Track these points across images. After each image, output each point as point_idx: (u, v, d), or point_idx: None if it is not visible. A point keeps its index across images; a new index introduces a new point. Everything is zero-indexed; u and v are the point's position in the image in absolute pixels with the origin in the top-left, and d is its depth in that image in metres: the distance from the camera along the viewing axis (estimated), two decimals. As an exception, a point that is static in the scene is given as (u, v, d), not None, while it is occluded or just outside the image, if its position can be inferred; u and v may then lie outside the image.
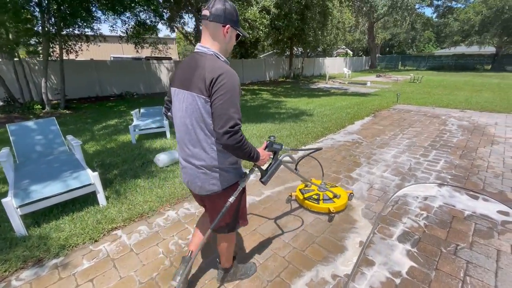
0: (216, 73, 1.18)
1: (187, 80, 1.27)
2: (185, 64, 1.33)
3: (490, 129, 5.36)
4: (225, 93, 1.17)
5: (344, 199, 2.65)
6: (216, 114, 1.18)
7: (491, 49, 28.43)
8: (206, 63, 1.22)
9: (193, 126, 1.28)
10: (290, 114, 7.27)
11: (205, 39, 1.30)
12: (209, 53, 1.27)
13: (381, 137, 5.00)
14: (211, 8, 1.24)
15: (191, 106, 1.26)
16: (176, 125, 1.40)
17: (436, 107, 7.84)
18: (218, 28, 1.26)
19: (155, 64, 14.60)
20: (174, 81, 1.38)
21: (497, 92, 11.26)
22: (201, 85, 1.20)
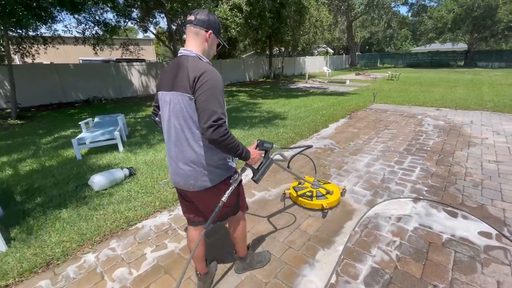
0: (199, 72, 1.24)
1: (171, 82, 1.32)
2: (169, 68, 1.38)
3: (466, 129, 5.15)
4: (208, 89, 1.22)
5: (337, 195, 2.68)
6: (200, 110, 1.23)
7: (463, 46, 29.47)
8: (189, 63, 1.28)
9: (181, 126, 1.32)
10: (263, 118, 6.82)
11: (189, 42, 1.37)
12: (191, 55, 1.33)
13: (355, 142, 4.65)
14: (197, 14, 1.35)
15: (177, 106, 1.30)
16: (164, 127, 1.43)
17: (413, 106, 7.67)
18: (201, 33, 1.35)
19: (125, 67, 13.73)
20: (160, 85, 1.42)
21: (471, 88, 11.39)
22: (185, 83, 1.25)
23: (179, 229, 2.44)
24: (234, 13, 9.30)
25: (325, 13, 18.46)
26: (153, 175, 3.49)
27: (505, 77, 16.24)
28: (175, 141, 1.38)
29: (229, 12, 8.92)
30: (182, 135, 1.34)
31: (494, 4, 22.40)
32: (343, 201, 2.79)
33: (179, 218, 2.60)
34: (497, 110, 6.59)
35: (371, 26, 36.30)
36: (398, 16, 30.73)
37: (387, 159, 3.84)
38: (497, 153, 3.89)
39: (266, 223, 2.49)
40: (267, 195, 3.01)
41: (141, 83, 14.53)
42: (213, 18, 1.38)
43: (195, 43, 1.36)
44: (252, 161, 1.49)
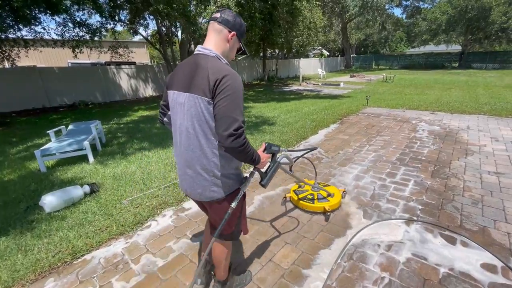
0: (220, 74, 1.15)
1: (188, 82, 1.23)
2: (185, 66, 1.28)
3: (463, 135, 4.85)
4: (230, 95, 1.14)
5: (338, 197, 2.64)
6: (220, 116, 1.14)
7: (458, 48, 29.51)
8: (209, 64, 1.19)
9: (195, 131, 1.23)
10: (250, 123, 6.48)
11: (209, 40, 1.28)
12: (211, 54, 1.24)
13: (344, 151, 4.32)
14: (223, 13, 1.27)
15: (193, 109, 1.21)
16: (176, 130, 1.33)
17: (407, 110, 7.39)
18: (224, 32, 1.27)
19: (113, 70, 13.34)
20: (172, 84, 1.32)
21: (466, 90, 11.19)
22: (205, 86, 1.16)
23: (132, 262, 2.08)
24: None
25: (319, 15, 18.26)
26: (118, 192, 3.13)
27: (500, 78, 16.13)
28: (186, 146, 1.29)
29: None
30: (196, 141, 1.25)
31: (487, 6, 22.41)
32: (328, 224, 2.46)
33: (136, 247, 2.24)
34: (494, 114, 6.33)
35: (366, 28, 36.33)
36: (392, 17, 30.73)
37: (378, 171, 3.51)
38: (497, 163, 3.59)
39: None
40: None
41: (130, 86, 14.14)
42: (239, 21, 1.30)
43: (216, 42, 1.27)
44: (261, 165, 1.41)
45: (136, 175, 3.61)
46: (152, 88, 15.02)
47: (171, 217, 2.67)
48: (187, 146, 1.28)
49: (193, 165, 1.29)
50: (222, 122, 1.13)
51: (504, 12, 22.32)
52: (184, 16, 7.87)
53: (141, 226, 2.52)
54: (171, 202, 2.90)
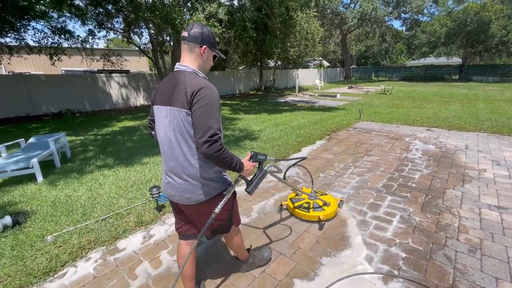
0: (196, 87, 1.26)
1: (168, 96, 1.32)
2: (166, 82, 1.39)
3: (460, 157, 4.35)
4: (205, 105, 1.24)
5: (334, 207, 2.67)
6: (196, 125, 1.24)
7: (458, 60, 29.33)
8: (186, 79, 1.30)
9: (177, 140, 1.33)
10: (232, 138, 6.03)
11: (184, 58, 1.39)
12: (188, 70, 1.35)
13: (326, 173, 3.83)
14: (190, 30, 1.36)
15: (174, 121, 1.30)
16: (161, 141, 1.41)
17: (402, 125, 6.92)
18: (195, 48, 1.36)
19: (103, 78, 13.06)
20: (155, 99, 1.42)
21: (466, 104, 10.75)
22: (183, 99, 1.26)
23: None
24: (212, 23, 8.70)
25: (316, 26, 18.13)
26: (48, 224, 2.63)
27: (500, 92, 15.72)
28: (170, 155, 1.38)
29: (205, 21, 8.30)
30: (179, 149, 1.34)
31: (486, 19, 22.29)
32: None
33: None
34: (495, 132, 5.84)
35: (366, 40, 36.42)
36: (391, 30, 30.75)
37: (359, 201, 3.01)
38: (499, 194, 3.08)
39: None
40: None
41: (120, 95, 13.83)
42: (207, 32, 1.37)
43: (190, 58, 1.37)
44: (245, 173, 1.49)
45: (80, 200, 3.13)
46: (144, 97, 14.71)
47: (96, 261, 2.17)
48: (171, 155, 1.37)
49: (179, 172, 1.38)
50: (198, 130, 1.23)
51: (503, 26, 22.16)
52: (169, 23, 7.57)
53: (52, 276, 2.02)
54: (103, 240, 2.40)
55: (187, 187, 1.38)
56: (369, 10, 23.42)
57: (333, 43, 34.28)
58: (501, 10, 22.12)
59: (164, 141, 1.38)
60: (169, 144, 1.35)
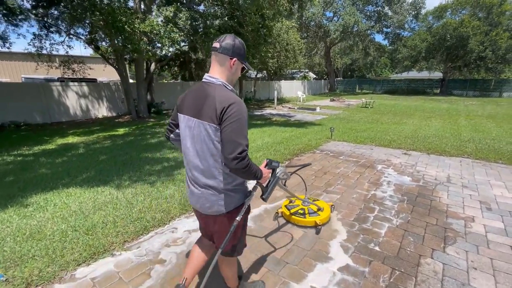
0: (226, 103, 1.25)
1: (197, 109, 1.32)
2: (195, 93, 1.39)
3: (442, 196, 3.43)
4: (235, 121, 1.24)
5: (327, 211, 2.75)
6: (225, 141, 1.24)
7: (439, 74, 29.68)
8: (216, 92, 1.29)
9: (203, 152, 1.34)
10: (171, 164, 4.93)
11: (214, 69, 1.37)
12: (217, 83, 1.34)
13: (258, 226, 2.78)
14: (222, 42, 1.34)
15: (202, 134, 1.31)
16: (186, 150, 1.42)
17: (377, 146, 6.04)
18: (226, 60, 1.35)
19: (59, 87, 11.77)
20: (182, 108, 1.42)
21: (447, 120, 10.17)
22: (212, 114, 1.26)
23: None
24: (170, 28, 7.74)
25: (295, 37, 17.60)
26: None
27: (481, 106, 15.47)
28: (195, 166, 1.38)
29: (161, 26, 7.33)
30: (204, 161, 1.34)
31: (465, 35, 22.58)
32: None
33: None
34: (481, 157, 5.02)
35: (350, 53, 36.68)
36: (374, 43, 30.98)
37: (292, 282, 1.96)
38: (495, 267, 2.11)
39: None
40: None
41: (79, 106, 12.53)
42: (238, 44, 1.37)
43: (220, 70, 1.37)
44: (263, 180, 1.51)
45: None
46: (107, 108, 13.45)
47: None
48: (196, 166, 1.38)
49: (201, 182, 1.38)
50: (227, 146, 1.24)
51: (481, 42, 22.49)
52: (113, 27, 6.56)
53: None
54: None
55: (208, 197, 1.38)
56: (351, 23, 23.34)
57: (318, 55, 34.25)
58: (478, 26, 22.50)
59: (190, 151, 1.39)
60: (195, 155, 1.37)
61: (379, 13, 25.84)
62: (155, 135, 8.08)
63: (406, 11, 25.36)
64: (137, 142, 7.06)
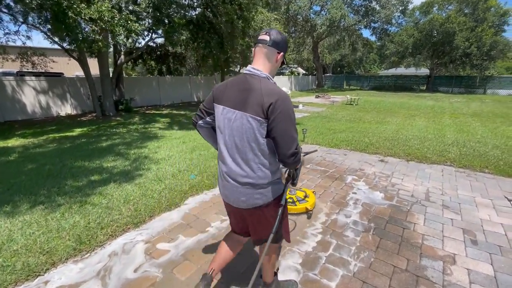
0: (274, 98, 1.23)
1: (241, 101, 1.29)
2: (237, 84, 1.35)
3: (417, 220, 2.76)
4: (286, 116, 1.24)
5: (313, 197, 2.94)
6: (281, 137, 1.24)
7: (426, 71, 29.55)
8: (261, 86, 1.27)
9: (243, 146, 1.30)
10: (92, 180, 4.11)
11: (259, 62, 1.35)
12: (262, 75, 1.32)
13: (173, 275, 2.04)
14: (271, 35, 1.32)
15: (245, 127, 1.28)
16: (224, 142, 1.38)
17: (352, 151, 5.38)
18: (273, 54, 1.34)
19: (12, 82, 10.59)
20: (221, 98, 1.38)
21: (431, 119, 9.68)
22: (258, 107, 1.24)
23: None
24: (126, 17, 6.80)
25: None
26: None
27: (466, 104, 15.18)
28: (232, 159, 1.35)
29: (113, 13, 6.38)
30: (243, 155, 1.31)
31: (451, 31, 22.32)
32: None
33: None
34: (464, 165, 4.43)
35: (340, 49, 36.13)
36: (362, 39, 30.47)
37: None
38: None
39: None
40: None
41: (39, 103, 11.38)
42: (284, 39, 1.37)
43: (265, 63, 1.34)
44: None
45: None
46: (72, 105, 12.34)
47: None
48: (233, 159, 1.34)
49: (237, 176, 1.34)
50: (284, 142, 1.24)
51: (466, 38, 22.29)
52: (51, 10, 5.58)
53: None
54: None
55: (243, 191, 1.35)
56: (338, 17, 22.65)
57: (306, 50, 33.53)
58: (464, 22, 22.27)
59: (228, 144, 1.34)
60: (233, 148, 1.33)
61: (366, 7, 25.25)
62: (111, 136, 7.18)
63: (394, 6, 24.85)
64: (85, 146, 6.17)
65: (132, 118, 10.60)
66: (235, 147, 1.32)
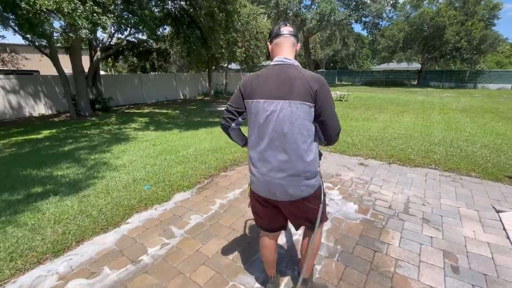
0: (319, 82, 1.29)
1: (286, 90, 1.29)
2: (274, 76, 1.34)
3: (392, 241, 2.37)
4: (330, 99, 1.33)
5: None
6: (329, 119, 1.32)
7: (418, 66, 29.36)
8: (302, 73, 1.31)
9: (292, 134, 1.30)
10: (31, 193, 3.62)
11: (287, 51, 1.39)
12: (296, 64, 1.37)
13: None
14: (291, 27, 1.43)
15: (294, 115, 1.28)
16: (264, 136, 1.35)
17: (331, 153, 4.99)
18: (295, 44, 1.43)
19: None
20: (256, 93, 1.36)
21: (420, 115, 9.37)
22: (306, 93, 1.27)
23: None
24: (90, 8, 6.22)
25: (265, 24, 16.23)
26: None
27: (456, 99, 14.96)
28: (280, 150, 1.33)
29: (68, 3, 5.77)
30: (293, 144, 1.31)
31: (441, 25, 22.07)
32: None
33: None
34: (450, 167, 4.07)
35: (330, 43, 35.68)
36: (353, 34, 30.07)
37: None
38: None
39: None
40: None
41: (8, 103, 10.70)
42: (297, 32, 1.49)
43: (291, 52, 1.40)
44: None
45: None
46: (46, 105, 11.68)
47: None
48: (281, 151, 1.32)
49: (286, 167, 1.33)
50: (331, 123, 1.33)
51: (457, 32, 22.09)
52: None
53: None
54: None
55: (292, 183, 1.34)
56: (327, 11, 22.17)
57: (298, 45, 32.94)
58: (455, 16, 22.04)
59: (275, 136, 1.32)
60: (282, 139, 1.31)
61: (357, 1, 24.79)
62: (78, 139, 6.64)
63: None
64: (44, 151, 5.64)
65: (108, 118, 10.03)
66: (283, 138, 1.30)
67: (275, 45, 1.41)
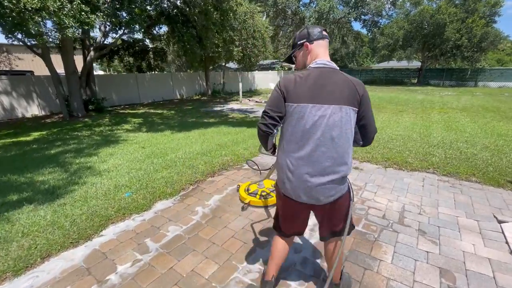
0: (362, 86, 1.34)
1: (337, 95, 1.29)
2: (321, 80, 1.32)
3: (384, 257, 2.17)
4: (370, 104, 1.37)
5: None
6: (370, 122, 1.36)
7: (418, 64, 29.08)
8: (347, 77, 1.33)
9: (340, 139, 1.30)
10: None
11: (326, 55, 1.41)
12: (337, 68, 1.38)
13: None
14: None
15: (344, 120, 1.29)
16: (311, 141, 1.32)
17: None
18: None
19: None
20: (302, 97, 1.32)
21: (419, 114, 9.17)
22: (353, 98, 1.29)
23: None
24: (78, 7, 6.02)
25: (262, 23, 15.99)
26: None
27: (456, 97, 14.73)
28: (327, 156, 1.31)
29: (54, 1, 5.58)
30: (340, 148, 1.31)
31: (441, 22, 21.79)
32: None
33: None
34: (449, 171, 3.87)
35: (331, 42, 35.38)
36: (352, 32, 29.79)
37: None
38: None
39: None
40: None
41: (0, 104, 10.51)
42: None
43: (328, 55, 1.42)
44: None
45: None
46: (40, 106, 11.50)
47: None
48: (329, 156, 1.31)
49: (331, 171, 1.32)
50: (372, 126, 1.37)
51: (457, 29, 21.80)
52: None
53: None
54: None
55: (334, 185, 1.34)
56: (326, 9, 21.92)
57: (296, 44, 32.66)
58: (455, 13, 21.75)
59: (322, 141, 1.30)
60: (330, 144, 1.30)
61: (356, -2, 24.50)
62: (67, 141, 6.45)
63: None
64: (30, 154, 5.46)
65: (101, 119, 9.83)
66: (331, 143, 1.29)
67: (317, 46, 1.39)
